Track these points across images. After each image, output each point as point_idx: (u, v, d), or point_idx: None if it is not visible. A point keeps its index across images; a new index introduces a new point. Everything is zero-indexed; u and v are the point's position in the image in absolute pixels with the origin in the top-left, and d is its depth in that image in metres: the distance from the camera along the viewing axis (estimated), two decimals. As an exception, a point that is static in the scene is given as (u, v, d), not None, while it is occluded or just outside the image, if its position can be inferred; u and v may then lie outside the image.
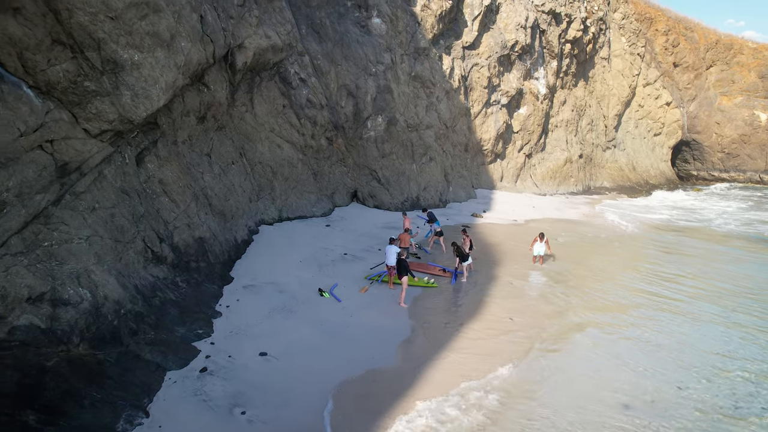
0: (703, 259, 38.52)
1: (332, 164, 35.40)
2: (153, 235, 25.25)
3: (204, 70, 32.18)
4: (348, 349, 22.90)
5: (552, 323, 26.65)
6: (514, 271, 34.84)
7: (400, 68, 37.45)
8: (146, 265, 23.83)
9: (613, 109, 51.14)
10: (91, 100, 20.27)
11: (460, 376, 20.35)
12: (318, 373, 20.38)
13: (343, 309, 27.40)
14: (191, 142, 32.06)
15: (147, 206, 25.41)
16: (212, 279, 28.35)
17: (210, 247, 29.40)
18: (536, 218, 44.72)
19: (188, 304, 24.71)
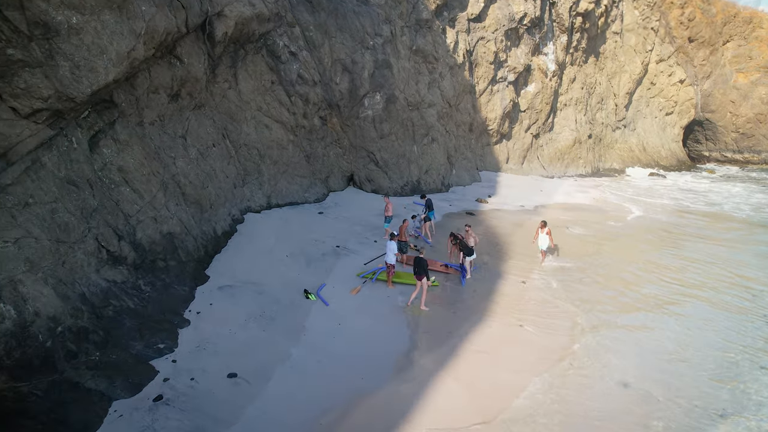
0: (727, 248, 35.10)
1: (326, 146, 31.89)
2: (109, 232, 21.71)
3: (175, 40, 28.21)
4: (335, 367, 19.53)
5: (567, 333, 23.25)
6: (524, 266, 31.35)
7: (400, 41, 33.64)
8: (99, 268, 20.34)
9: (624, 87, 47.49)
10: (17, 72, 16.51)
11: (472, 411, 16.93)
12: (297, 401, 17.04)
13: (332, 315, 24.01)
14: (162, 122, 28.23)
15: (102, 198, 21.82)
16: (183, 280, 24.91)
17: (181, 243, 25.89)
18: (545, 203, 41.16)
19: (151, 312, 21.31)
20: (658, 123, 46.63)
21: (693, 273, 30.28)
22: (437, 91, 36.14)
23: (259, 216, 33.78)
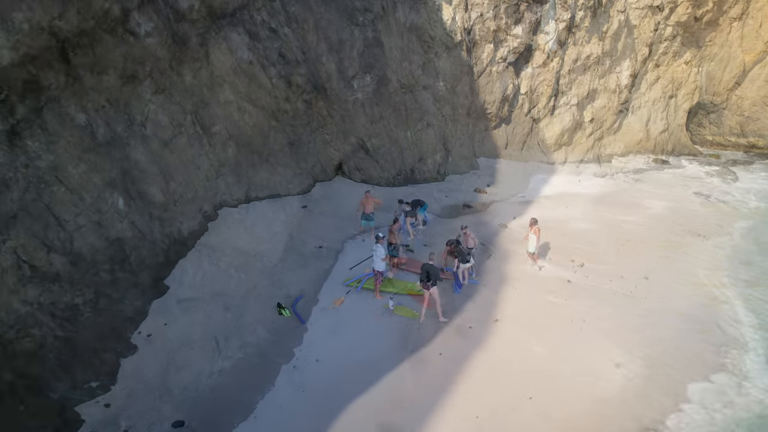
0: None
1: (312, 132, 28.55)
2: (35, 243, 17.86)
3: (127, 12, 23.90)
4: (308, 414, 16.00)
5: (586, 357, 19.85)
6: (528, 271, 27.93)
7: (392, 17, 30.03)
8: (19, 288, 16.57)
9: (627, 69, 44.11)
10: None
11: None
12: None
13: (308, 338, 20.39)
14: (113, 108, 23.96)
15: (25, 203, 17.93)
16: (134, 294, 21.16)
17: (133, 250, 22.05)
18: (547, 194, 37.50)
19: (86, 339, 17.61)
20: (662, 106, 43.39)
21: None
22: (433, 72, 31.70)
23: (235, 211, 29.80)
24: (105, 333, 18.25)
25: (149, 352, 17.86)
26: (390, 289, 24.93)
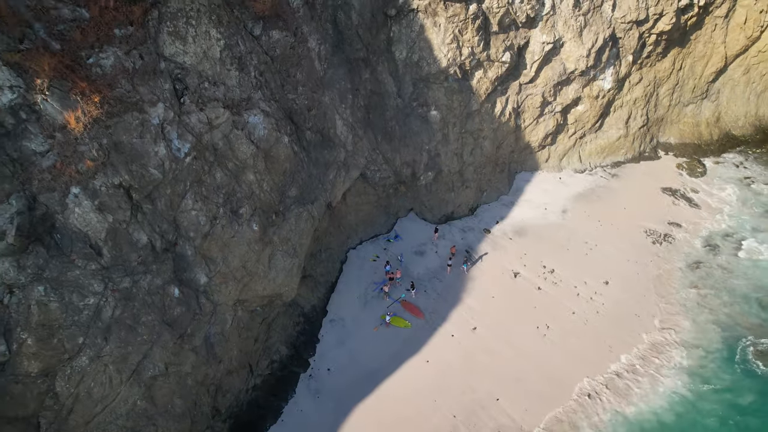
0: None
1: (397, 198, 34.17)
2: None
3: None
4: (323, 416, 21.52)
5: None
6: (505, 280, 32.69)
7: (451, 132, 36.25)
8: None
9: (712, 66, 43.53)
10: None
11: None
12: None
13: (320, 348, 25.59)
14: (167, 223, 26.24)
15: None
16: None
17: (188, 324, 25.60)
18: (528, 196, 39.92)
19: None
20: (643, 104, 43.41)
21: None
22: (479, 152, 37.99)
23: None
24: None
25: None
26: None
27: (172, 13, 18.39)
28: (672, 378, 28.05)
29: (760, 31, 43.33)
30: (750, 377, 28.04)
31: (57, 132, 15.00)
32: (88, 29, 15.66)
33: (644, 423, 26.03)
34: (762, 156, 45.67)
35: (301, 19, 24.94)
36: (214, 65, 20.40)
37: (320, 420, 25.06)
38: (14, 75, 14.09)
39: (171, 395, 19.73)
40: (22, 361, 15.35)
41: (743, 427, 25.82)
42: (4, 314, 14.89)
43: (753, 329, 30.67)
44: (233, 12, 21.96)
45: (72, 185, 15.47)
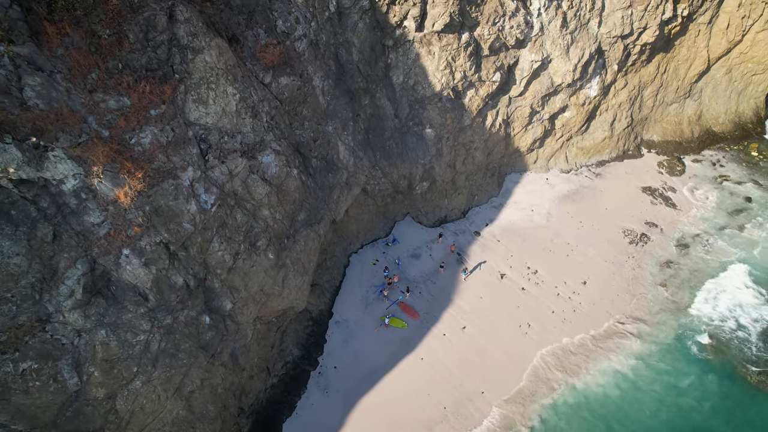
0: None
1: (395, 205, 37.32)
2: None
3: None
4: (331, 410, 26.05)
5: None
6: (492, 282, 36.20)
7: (445, 146, 39.02)
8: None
9: (695, 69, 44.73)
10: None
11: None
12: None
13: (327, 348, 29.38)
14: (199, 266, 29.00)
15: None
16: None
17: (218, 343, 28.89)
18: (517, 198, 42.58)
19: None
20: (628, 107, 44.85)
21: None
22: (471, 161, 40.60)
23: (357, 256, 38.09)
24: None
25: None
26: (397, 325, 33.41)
27: (195, 83, 20.96)
28: (622, 361, 32.46)
29: (742, 35, 45.17)
30: (691, 364, 32.29)
31: (110, 206, 17.99)
32: (130, 114, 18.36)
33: (590, 395, 30.82)
34: (738, 153, 48.40)
35: (306, 61, 27.30)
36: (231, 119, 23.09)
37: (329, 412, 29.13)
38: (76, 165, 16.95)
39: (205, 403, 23.55)
40: (91, 388, 18.94)
41: (678, 405, 30.35)
42: (75, 353, 18.35)
43: (707, 324, 34.49)
44: (246, 65, 24.43)
45: (123, 248, 18.61)
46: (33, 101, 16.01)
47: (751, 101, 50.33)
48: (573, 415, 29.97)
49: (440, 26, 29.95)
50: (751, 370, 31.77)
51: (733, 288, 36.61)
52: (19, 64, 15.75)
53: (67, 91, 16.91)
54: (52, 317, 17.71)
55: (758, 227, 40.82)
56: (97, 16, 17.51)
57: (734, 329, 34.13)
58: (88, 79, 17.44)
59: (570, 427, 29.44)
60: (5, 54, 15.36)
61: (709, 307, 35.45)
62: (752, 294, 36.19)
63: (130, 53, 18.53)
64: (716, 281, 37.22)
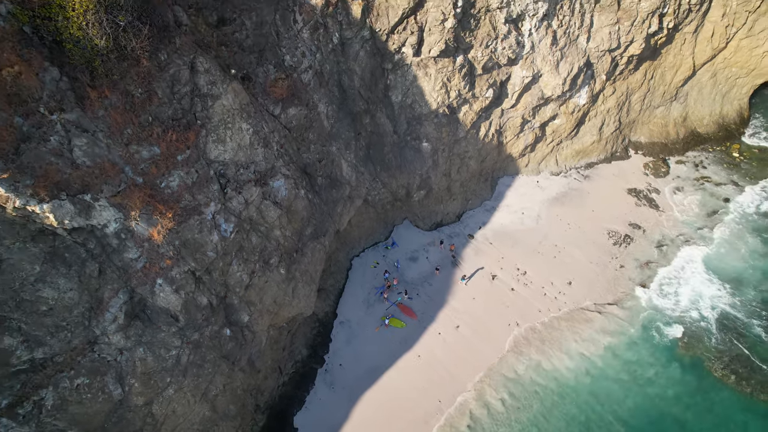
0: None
1: (394, 211, 39.97)
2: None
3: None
4: (337, 405, 29.40)
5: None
6: (484, 283, 39.01)
7: (440, 157, 41.46)
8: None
9: (681, 74, 46.22)
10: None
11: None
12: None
13: (333, 347, 32.60)
14: (219, 286, 32.69)
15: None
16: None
17: (238, 352, 31.99)
18: (509, 201, 45.04)
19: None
20: (615, 112, 46.44)
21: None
22: (465, 169, 43.10)
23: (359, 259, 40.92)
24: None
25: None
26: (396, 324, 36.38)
27: (214, 125, 23.32)
28: (595, 351, 35.96)
29: (726, 42, 47.03)
30: (657, 355, 35.80)
31: (145, 243, 20.61)
32: (160, 162, 20.81)
33: (559, 377, 34.47)
34: (720, 154, 50.76)
35: (312, 90, 29.52)
36: (245, 151, 25.51)
37: (335, 406, 32.38)
38: (117, 211, 19.49)
39: (227, 404, 26.65)
40: (132, 397, 21.91)
41: (642, 391, 33.96)
42: (118, 369, 21.25)
43: (677, 319, 37.60)
44: (257, 100, 26.71)
45: (157, 278, 21.31)
46: (81, 159, 18.47)
47: (735, 103, 52.47)
48: (542, 393, 33.43)
49: (436, 52, 32.03)
50: (711, 359, 35.04)
51: (699, 282, 39.72)
52: (68, 128, 18.15)
53: (107, 147, 19.34)
54: (99, 339, 20.54)
55: (728, 227, 43.55)
56: (130, 78, 19.80)
57: (697, 319, 37.39)
58: (124, 134, 19.84)
59: (536, 402, 33.02)
60: (58, 122, 17.76)
61: (671, 302, 38.61)
62: (715, 288, 39.35)
63: (158, 107, 20.87)
64: (685, 278, 40.15)
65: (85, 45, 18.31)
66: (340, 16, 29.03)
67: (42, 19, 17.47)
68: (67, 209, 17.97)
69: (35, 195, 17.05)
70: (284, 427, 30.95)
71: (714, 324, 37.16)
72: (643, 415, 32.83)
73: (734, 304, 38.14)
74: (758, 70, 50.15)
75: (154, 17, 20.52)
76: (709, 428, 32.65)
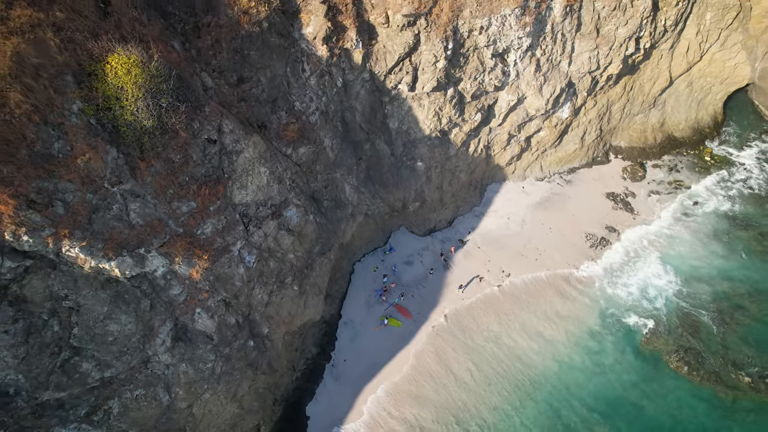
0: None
1: (391, 220, 44.60)
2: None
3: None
4: (343, 397, 35.62)
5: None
6: (472, 285, 43.83)
7: (433, 173, 44.98)
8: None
9: (658, 86, 48.92)
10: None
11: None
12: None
13: (338, 344, 37.72)
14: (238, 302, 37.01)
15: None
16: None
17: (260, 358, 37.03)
18: (496, 206, 49.26)
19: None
20: (597, 122, 49.48)
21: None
22: (456, 181, 46.49)
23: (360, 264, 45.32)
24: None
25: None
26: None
27: (238, 175, 27.39)
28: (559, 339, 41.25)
29: (700, 56, 50.39)
30: (618, 345, 41.10)
31: (186, 281, 25.03)
32: (196, 213, 25.00)
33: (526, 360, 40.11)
34: (693, 158, 54.75)
35: (318, 128, 33.36)
36: (263, 190, 29.63)
37: (341, 397, 37.55)
38: (164, 259, 23.82)
39: (251, 401, 31.70)
40: (177, 402, 26.81)
41: (606, 378, 39.39)
42: (166, 380, 26.04)
43: (634, 309, 42.65)
44: (272, 144, 30.65)
45: (196, 308, 25.83)
46: (135, 220, 22.67)
47: (710, 108, 56.09)
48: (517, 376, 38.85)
49: (429, 88, 35.67)
50: (668, 352, 40.23)
51: (658, 278, 45.00)
52: (125, 196, 22.26)
53: (154, 206, 23.50)
54: (151, 359, 25.23)
55: (693, 228, 48.13)
56: (171, 148, 23.77)
57: (653, 312, 42.79)
58: (167, 194, 23.96)
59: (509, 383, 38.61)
60: (117, 192, 21.87)
61: (631, 295, 43.97)
62: (673, 283, 44.51)
63: (193, 168, 24.90)
64: (647, 273, 45.08)
65: (136, 127, 22.24)
66: (343, 63, 32.60)
67: (103, 110, 21.33)
68: (128, 263, 22.31)
69: (105, 255, 21.36)
70: (298, 416, 36.24)
71: (670, 317, 42.27)
72: (603, 399, 38.35)
73: (690, 299, 43.18)
74: (731, 78, 53.72)
75: (189, 94, 24.33)
76: (663, 412, 38.10)
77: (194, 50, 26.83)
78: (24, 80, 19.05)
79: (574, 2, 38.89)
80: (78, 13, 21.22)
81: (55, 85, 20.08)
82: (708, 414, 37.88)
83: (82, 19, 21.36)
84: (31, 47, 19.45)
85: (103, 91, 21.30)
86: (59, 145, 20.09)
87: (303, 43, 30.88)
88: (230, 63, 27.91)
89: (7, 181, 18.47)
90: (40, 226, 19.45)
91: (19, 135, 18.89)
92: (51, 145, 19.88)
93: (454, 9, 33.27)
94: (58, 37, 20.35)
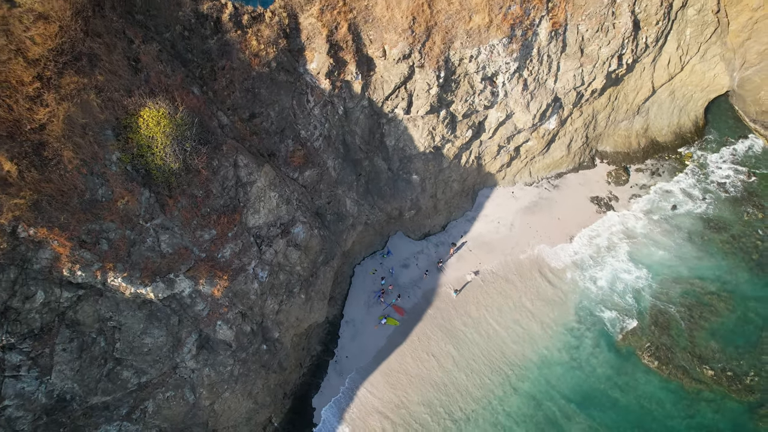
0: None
1: (389, 226, 47.28)
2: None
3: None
4: (345, 391, 38.41)
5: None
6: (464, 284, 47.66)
7: (428, 184, 47.98)
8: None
9: (642, 95, 51.40)
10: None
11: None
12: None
13: (341, 342, 41.72)
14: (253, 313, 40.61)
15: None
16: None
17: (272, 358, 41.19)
18: (487, 211, 52.74)
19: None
20: (583, 130, 52.11)
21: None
22: (449, 190, 49.28)
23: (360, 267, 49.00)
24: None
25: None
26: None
27: (252, 203, 30.85)
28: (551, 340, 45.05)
29: (681, 67, 53.18)
30: (591, 338, 44.96)
31: (209, 298, 28.73)
32: (217, 240, 28.54)
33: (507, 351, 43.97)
34: (675, 162, 57.89)
35: (322, 152, 36.66)
36: (273, 212, 33.11)
37: (344, 390, 41.69)
38: (190, 281, 27.45)
39: (264, 397, 35.76)
40: (201, 401, 30.80)
41: (584, 369, 43.28)
42: (191, 383, 29.96)
43: (609, 304, 46.56)
44: (281, 170, 34.01)
45: (217, 321, 29.60)
46: (165, 250, 26.23)
47: (692, 114, 59.08)
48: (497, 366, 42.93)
49: (423, 112, 38.81)
50: (641, 347, 44.24)
51: (632, 276, 48.78)
52: (157, 230, 25.78)
53: (181, 236, 27.03)
54: (179, 365, 29.11)
55: (670, 230, 51.66)
56: (194, 185, 27.19)
57: (627, 308, 46.67)
58: (192, 225, 27.47)
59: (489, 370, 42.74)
60: (150, 227, 25.38)
61: (607, 291, 47.77)
62: (647, 281, 48.34)
63: (213, 200, 28.37)
64: (622, 271, 48.89)
65: (164, 169, 25.62)
66: (344, 93, 35.70)
67: (137, 157, 24.69)
68: (160, 287, 25.96)
69: (142, 282, 24.99)
70: (305, 407, 40.43)
71: (642, 313, 46.09)
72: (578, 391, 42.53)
73: (662, 297, 46.94)
74: (711, 87, 56.62)
75: (209, 136, 27.63)
76: (634, 402, 42.28)
77: (211, 92, 29.99)
78: (74, 139, 22.37)
79: (559, 27, 41.66)
80: (114, 73, 24.39)
81: (98, 140, 23.40)
82: (674, 404, 42.06)
83: (118, 78, 24.55)
84: (79, 109, 22.71)
85: (137, 141, 24.61)
86: (102, 191, 23.52)
87: (307, 76, 33.96)
88: (243, 101, 31.10)
89: (64, 227, 21.97)
90: (90, 261, 23.02)
91: (71, 186, 22.30)
92: (96, 191, 23.31)
93: (446, 41, 36.19)
94: (100, 98, 23.57)
